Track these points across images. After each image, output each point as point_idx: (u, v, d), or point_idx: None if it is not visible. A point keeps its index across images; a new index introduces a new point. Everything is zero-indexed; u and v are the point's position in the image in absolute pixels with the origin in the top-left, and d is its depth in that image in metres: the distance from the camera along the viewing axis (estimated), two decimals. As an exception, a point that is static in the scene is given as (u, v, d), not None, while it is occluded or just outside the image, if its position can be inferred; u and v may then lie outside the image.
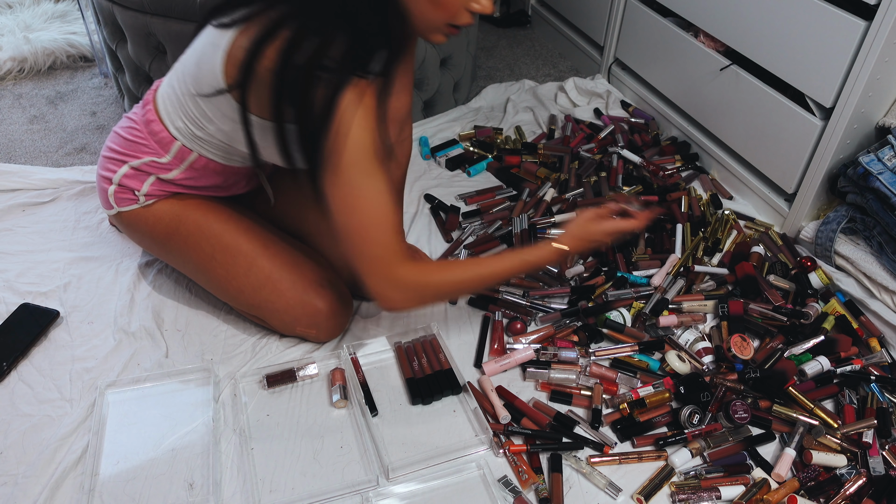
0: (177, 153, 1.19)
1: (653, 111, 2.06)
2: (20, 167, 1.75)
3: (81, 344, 1.33)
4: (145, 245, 1.37)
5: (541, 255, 1.16)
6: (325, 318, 1.28)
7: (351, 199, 1.02)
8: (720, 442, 1.18)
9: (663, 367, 1.32)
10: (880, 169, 1.39)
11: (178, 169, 1.21)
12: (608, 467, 1.16)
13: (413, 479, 1.13)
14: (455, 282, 1.12)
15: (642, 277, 1.49)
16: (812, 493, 1.13)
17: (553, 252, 1.16)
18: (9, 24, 2.38)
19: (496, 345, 1.34)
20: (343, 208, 1.03)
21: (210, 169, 1.22)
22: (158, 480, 1.11)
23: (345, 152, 0.99)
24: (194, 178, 1.23)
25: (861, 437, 1.18)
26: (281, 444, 1.18)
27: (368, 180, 1.01)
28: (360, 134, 0.99)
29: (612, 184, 1.77)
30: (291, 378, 1.27)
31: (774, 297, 1.43)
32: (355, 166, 1.00)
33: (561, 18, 2.51)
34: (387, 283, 1.07)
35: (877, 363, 1.32)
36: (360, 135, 0.99)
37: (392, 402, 1.26)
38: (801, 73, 1.51)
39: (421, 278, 1.09)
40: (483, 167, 1.86)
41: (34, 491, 1.08)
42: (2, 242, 1.54)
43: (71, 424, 1.17)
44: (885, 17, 1.30)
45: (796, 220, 1.62)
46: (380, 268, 1.05)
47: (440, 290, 1.13)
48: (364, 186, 1.01)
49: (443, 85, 2.01)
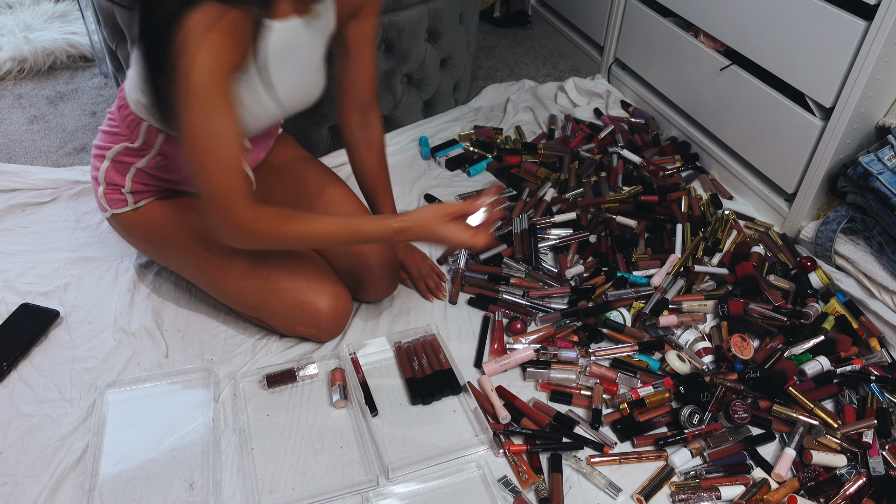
0: (146, 136, 1.19)
1: (653, 111, 2.06)
2: (20, 167, 1.76)
3: (81, 344, 1.33)
4: (143, 249, 1.38)
5: (375, 230, 1.13)
6: (325, 319, 1.28)
7: (192, 131, 0.98)
8: (720, 442, 1.18)
9: (663, 367, 1.32)
10: (880, 169, 1.39)
11: (150, 154, 1.21)
12: (608, 467, 1.16)
13: (413, 479, 1.13)
14: (286, 236, 1.10)
15: (642, 277, 1.49)
16: (812, 493, 1.13)
17: (388, 232, 1.12)
18: (9, 24, 2.38)
19: (496, 345, 1.34)
20: (186, 140, 1.00)
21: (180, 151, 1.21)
22: (158, 480, 1.11)
23: (190, 78, 0.94)
24: (167, 164, 1.22)
25: (861, 437, 1.18)
26: (281, 444, 1.18)
27: (212, 115, 0.97)
28: (208, 62, 0.93)
29: (612, 184, 1.77)
30: (291, 378, 1.27)
31: (774, 297, 1.43)
32: (199, 97, 0.95)
33: (561, 18, 2.51)
34: (221, 223, 1.06)
35: (877, 363, 1.32)
36: (207, 63, 0.93)
37: (392, 402, 1.25)
38: (801, 73, 1.51)
39: (254, 225, 1.07)
40: (483, 167, 1.86)
41: (34, 491, 1.08)
42: (2, 242, 1.54)
43: (71, 424, 1.17)
44: (885, 17, 1.30)
45: (796, 220, 1.62)
46: (216, 207, 1.04)
47: (272, 239, 1.11)
48: (206, 121, 0.97)
49: (443, 85, 2.01)
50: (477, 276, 1.50)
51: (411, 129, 1.97)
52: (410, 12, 1.76)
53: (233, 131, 1.00)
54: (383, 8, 1.70)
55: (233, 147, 1.01)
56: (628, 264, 1.53)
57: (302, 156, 1.45)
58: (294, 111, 1.21)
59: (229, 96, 0.99)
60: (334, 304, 1.28)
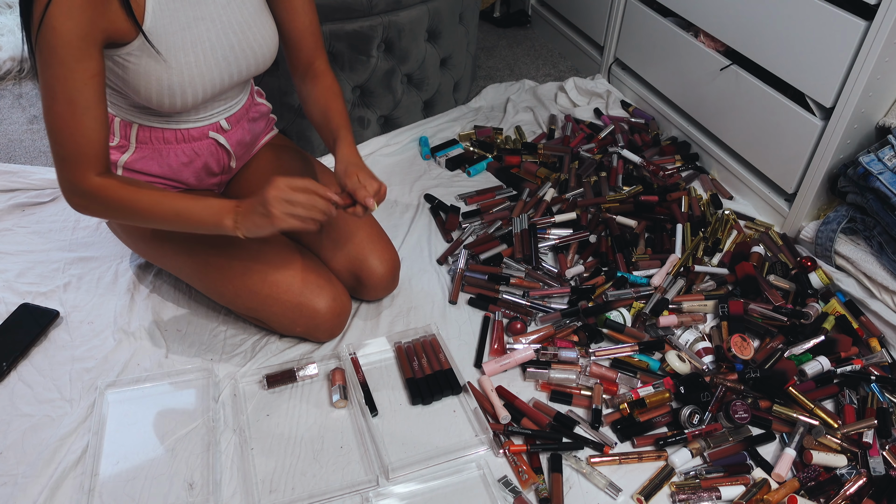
0: (120, 130, 1.20)
1: (653, 111, 2.06)
2: (20, 167, 1.76)
3: (81, 344, 1.33)
4: (140, 251, 1.37)
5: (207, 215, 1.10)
6: (324, 319, 1.28)
7: (46, 89, 0.99)
8: (720, 442, 1.18)
9: (663, 367, 1.32)
10: (880, 169, 1.39)
11: (129, 150, 1.21)
12: (608, 467, 1.16)
13: (413, 479, 1.13)
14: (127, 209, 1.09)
15: (642, 277, 1.49)
16: (812, 494, 1.13)
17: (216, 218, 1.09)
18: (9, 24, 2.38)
19: (496, 345, 1.34)
20: (42, 95, 1.00)
21: (156, 140, 1.21)
22: (158, 480, 1.11)
23: (46, 39, 0.94)
24: (148, 156, 1.23)
25: (861, 437, 1.18)
26: (281, 443, 1.18)
27: (65, 74, 0.97)
28: (64, 17, 0.94)
29: (612, 184, 1.77)
30: (291, 378, 1.27)
31: (774, 297, 1.43)
32: (52, 53, 0.96)
33: (561, 18, 2.51)
34: (67, 186, 1.07)
35: (877, 363, 1.32)
36: (62, 17, 0.94)
37: (392, 402, 1.25)
38: (801, 73, 1.51)
39: (100, 193, 1.07)
40: (483, 167, 1.86)
41: (34, 491, 1.08)
42: (2, 242, 1.54)
43: (71, 424, 1.17)
44: (885, 17, 1.30)
45: (796, 220, 1.62)
46: (64, 170, 1.05)
47: (115, 210, 1.10)
48: (60, 79, 0.98)
49: (443, 85, 2.01)
50: (477, 276, 1.50)
51: (411, 129, 1.97)
52: (410, 12, 1.76)
53: (88, 99, 1.00)
54: (383, 8, 1.71)
55: (86, 116, 1.01)
56: (628, 264, 1.53)
57: (299, 155, 1.44)
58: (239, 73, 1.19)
59: (87, 63, 0.99)
60: (332, 305, 1.28)
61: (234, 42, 1.16)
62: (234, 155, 1.32)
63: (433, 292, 1.48)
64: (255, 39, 1.19)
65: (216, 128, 1.26)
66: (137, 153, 1.22)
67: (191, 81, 1.12)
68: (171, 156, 1.24)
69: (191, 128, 1.23)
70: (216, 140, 1.27)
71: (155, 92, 1.11)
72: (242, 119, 1.31)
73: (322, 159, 1.82)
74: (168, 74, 1.10)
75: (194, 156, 1.26)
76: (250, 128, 1.35)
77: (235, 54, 1.17)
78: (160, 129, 1.21)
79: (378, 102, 1.87)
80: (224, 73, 1.17)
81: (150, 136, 1.21)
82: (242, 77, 1.21)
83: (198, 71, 1.12)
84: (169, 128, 1.21)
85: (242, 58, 1.18)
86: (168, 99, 1.12)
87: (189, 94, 1.14)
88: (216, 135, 1.26)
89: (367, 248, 1.33)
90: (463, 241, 1.60)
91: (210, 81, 1.16)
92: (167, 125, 1.21)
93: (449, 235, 1.63)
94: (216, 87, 1.18)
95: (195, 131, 1.23)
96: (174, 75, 1.10)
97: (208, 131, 1.25)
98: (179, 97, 1.13)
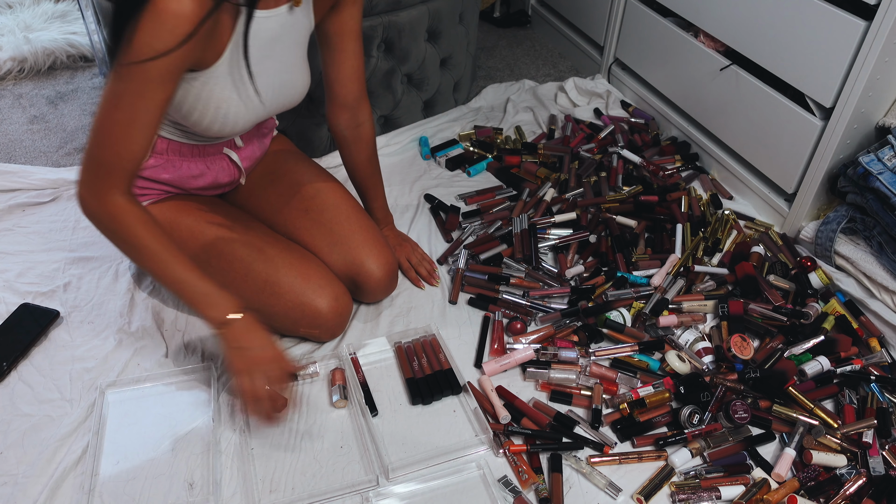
0: None
1: (653, 111, 2.06)
2: (20, 167, 1.76)
3: (81, 344, 1.33)
4: None
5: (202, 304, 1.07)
6: (326, 319, 1.28)
7: (113, 95, 0.97)
8: (720, 442, 1.18)
9: (663, 367, 1.32)
10: (880, 169, 1.39)
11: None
12: (608, 467, 1.16)
13: (413, 479, 1.13)
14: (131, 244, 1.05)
15: (642, 277, 1.49)
16: (812, 493, 1.13)
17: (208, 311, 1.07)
18: (9, 24, 2.38)
19: (496, 345, 1.34)
20: (105, 97, 0.97)
21: (174, 152, 1.21)
22: (158, 480, 1.11)
23: (138, 46, 0.92)
24: (162, 165, 1.22)
25: (861, 437, 1.18)
26: (281, 444, 1.18)
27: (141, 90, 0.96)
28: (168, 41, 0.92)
29: (612, 184, 1.77)
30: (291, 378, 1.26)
31: (774, 297, 1.43)
32: (140, 69, 0.94)
33: (561, 18, 2.51)
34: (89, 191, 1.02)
35: (877, 363, 1.32)
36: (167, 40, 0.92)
37: (392, 402, 1.25)
38: (801, 73, 1.51)
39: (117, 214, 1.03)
40: (483, 167, 1.86)
41: (34, 491, 1.08)
42: (2, 242, 1.54)
43: (71, 424, 1.17)
44: (885, 17, 1.30)
45: (796, 220, 1.62)
46: (93, 174, 1.01)
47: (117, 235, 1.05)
48: (134, 94, 0.96)
49: (443, 85, 2.01)
50: (477, 276, 1.50)
51: (411, 129, 1.97)
52: (410, 12, 1.76)
53: (150, 119, 0.99)
54: (383, 8, 1.71)
55: (140, 133, 0.99)
56: (628, 264, 1.53)
57: (297, 157, 1.45)
58: (276, 110, 1.22)
59: (166, 87, 0.98)
60: (334, 305, 1.28)
61: (285, 81, 1.18)
62: (245, 172, 1.35)
63: (433, 292, 1.48)
64: (298, 81, 1.21)
65: (231, 144, 1.29)
66: (151, 162, 1.22)
67: (245, 113, 1.14)
68: (184, 168, 1.25)
69: (208, 144, 1.24)
70: (229, 156, 1.29)
71: (210, 117, 1.11)
72: (255, 136, 1.35)
73: (322, 160, 1.82)
74: (229, 104, 1.11)
75: (205, 170, 1.28)
76: (260, 143, 1.38)
77: (282, 93, 1.19)
78: (178, 142, 1.21)
79: (378, 102, 1.87)
80: (269, 109, 1.19)
81: (168, 148, 1.21)
82: (275, 112, 1.24)
83: (252, 105, 1.14)
84: (188, 143, 1.22)
85: (284, 96, 1.20)
86: (219, 125, 1.13)
87: (239, 124, 1.16)
88: (230, 151, 1.28)
89: (364, 252, 1.33)
90: (463, 241, 1.60)
91: (256, 115, 1.18)
92: (188, 140, 1.21)
93: (449, 235, 1.63)
94: (258, 119, 1.20)
95: (211, 148, 1.25)
96: (233, 106, 1.12)
97: (223, 147, 1.27)
98: (231, 125, 1.15)
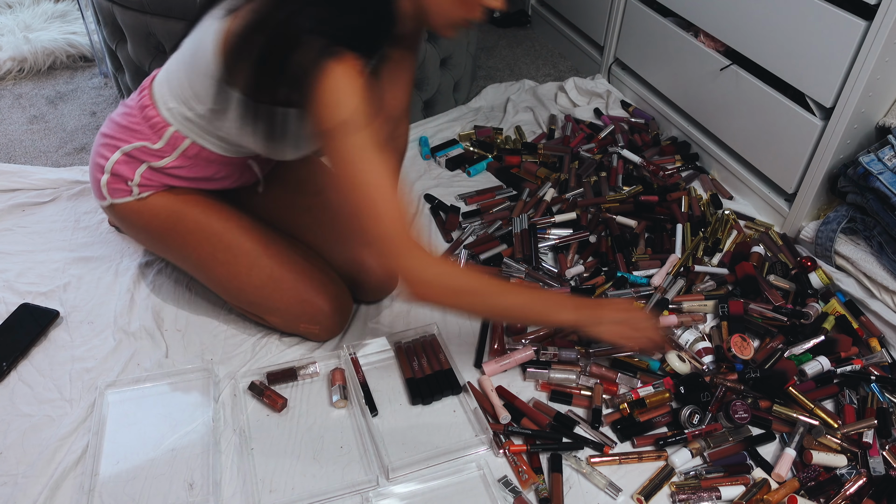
0: (170, 140, 1.17)
1: (653, 111, 2.06)
2: (20, 167, 1.76)
3: (81, 344, 1.33)
4: (142, 241, 1.37)
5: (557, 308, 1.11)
6: (327, 317, 1.28)
7: (350, 173, 0.97)
8: (720, 442, 1.18)
9: (663, 367, 1.32)
10: (880, 169, 1.39)
11: (170, 157, 1.19)
12: (608, 467, 1.16)
13: (413, 479, 1.13)
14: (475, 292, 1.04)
15: (642, 277, 1.49)
16: (812, 494, 1.13)
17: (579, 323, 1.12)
18: (9, 24, 2.38)
19: (496, 345, 1.34)
20: (345, 184, 0.98)
21: (202, 158, 1.20)
22: (158, 480, 1.11)
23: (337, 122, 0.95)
24: (186, 166, 1.21)
25: (861, 437, 1.18)
26: (281, 444, 1.18)
27: (365, 154, 0.96)
28: (354, 105, 0.94)
29: (612, 184, 1.77)
30: (292, 378, 1.27)
31: (774, 297, 1.43)
32: (350, 138, 0.95)
33: (561, 18, 2.51)
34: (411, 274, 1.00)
35: (877, 363, 1.32)
36: (352, 105, 0.94)
37: (392, 402, 1.26)
38: (801, 73, 1.51)
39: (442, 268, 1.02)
40: (483, 167, 1.86)
41: (34, 491, 1.08)
42: (2, 242, 1.54)
43: (71, 424, 1.17)
44: (885, 17, 1.30)
45: (796, 220, 1.62)
46: (395, 246, 0.99)
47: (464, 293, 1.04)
48: (362, 160, 0.97)
49: (443, 85, 2.01)
50: (477, 276, 1.50)
51: (411, 128, 1.96)
52: (410, 12, 1.76)
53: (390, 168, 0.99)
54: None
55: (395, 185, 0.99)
56: (628, 264, 1.53)
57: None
58: None
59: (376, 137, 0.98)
60: (336, 303, 1.28)
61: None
62: (262, 180, 1.35)
63: (433, 292, 1.48)
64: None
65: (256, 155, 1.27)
66: (177, 162, 1.20)
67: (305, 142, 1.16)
68: (206, 171, 1.24)
69: (236, 156, 1.23)
70: (251, 167, 1.30)
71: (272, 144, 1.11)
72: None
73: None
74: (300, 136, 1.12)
75: (227, 176, 1.27)
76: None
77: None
78: (209, 150, 1.19)
79: (378, 102, 1.87)
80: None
81: (198, 154, 1.20)
82: None
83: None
84: (218, 152, 1.20)
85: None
86: (272, 151, 1.15)
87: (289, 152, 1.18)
88: (253, 162, 1.29)
89: (365, 250, 1.33)
90: (463, 241, 1.60)
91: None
92: (218, 150, 1.20)
93: (449, 235, 1.63)
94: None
95: (237, 158, 1.24)
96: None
97: (248, 159, 1.27)
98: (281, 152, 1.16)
